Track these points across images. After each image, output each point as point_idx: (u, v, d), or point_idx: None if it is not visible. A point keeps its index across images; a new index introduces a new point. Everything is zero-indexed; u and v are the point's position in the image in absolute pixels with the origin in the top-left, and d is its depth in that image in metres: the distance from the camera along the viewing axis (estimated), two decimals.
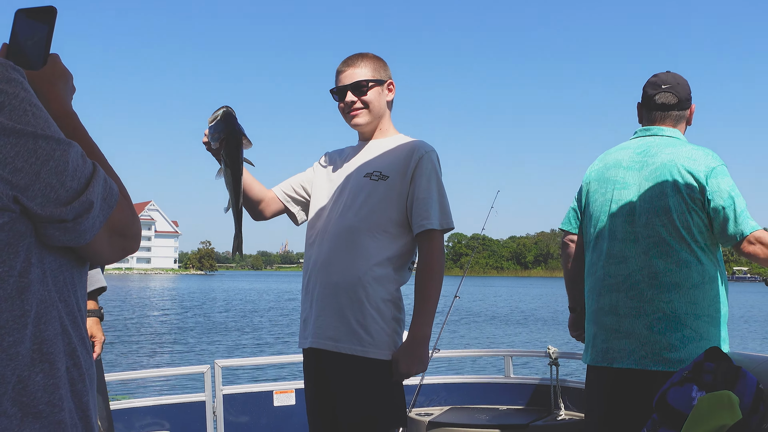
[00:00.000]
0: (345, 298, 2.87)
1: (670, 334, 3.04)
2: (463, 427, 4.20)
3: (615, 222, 3.23)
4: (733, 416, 2.44)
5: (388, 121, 3.16)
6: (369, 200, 2.96)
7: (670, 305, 3.06)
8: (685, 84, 3.37)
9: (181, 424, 4.23)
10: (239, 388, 4.42)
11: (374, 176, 2.99)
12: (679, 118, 3.35)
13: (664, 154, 3.20)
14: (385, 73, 3.11)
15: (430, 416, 4.39)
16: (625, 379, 3.12)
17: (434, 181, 2.96)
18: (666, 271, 3.07)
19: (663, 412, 2.74)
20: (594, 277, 3.29)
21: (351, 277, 2.88)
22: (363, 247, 2.91)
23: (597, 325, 3.24)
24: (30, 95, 1.28)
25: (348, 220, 2.96)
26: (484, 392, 4.80)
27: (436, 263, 2.93)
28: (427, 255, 2.93)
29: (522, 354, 5.29)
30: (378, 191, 2.96)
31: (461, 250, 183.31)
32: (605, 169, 3.37)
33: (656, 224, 3.11)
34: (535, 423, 4.22)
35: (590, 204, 3.39)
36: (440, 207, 2.95)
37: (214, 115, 2.84)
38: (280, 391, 4.41)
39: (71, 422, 1.31)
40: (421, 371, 2.89)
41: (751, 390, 2.61)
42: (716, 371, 2.71)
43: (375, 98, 3.06)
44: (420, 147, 3.01)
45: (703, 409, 2.51)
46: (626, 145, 3.39)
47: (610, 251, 3.22)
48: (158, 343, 22.33)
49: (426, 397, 4.72)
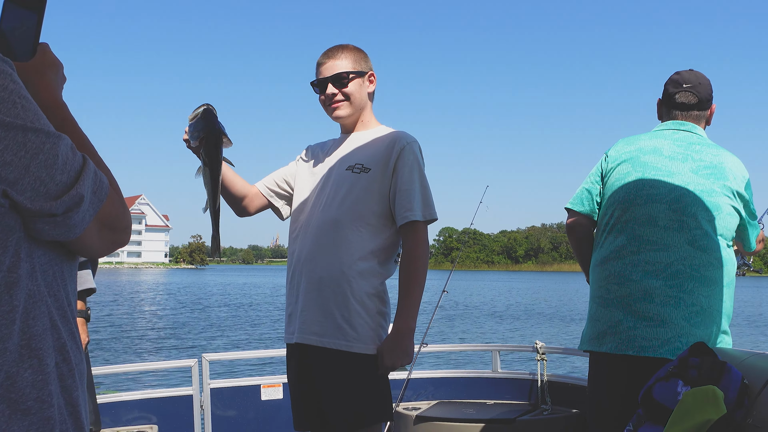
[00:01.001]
0: (329, 293, 2.87)
1: (704, 328, 3.04)
2: (450, 422, 4.20)
3: (657, 208, 3.17)
4: (718, 411, 2.44)
5: (370, 113, 3.16)
6: (351, 193, 2.95)
7: (708, 300, 3.06)
8: (707, 84, 3.38)
9: (168, 418, 4.22)
10: (227, 382, 4.42)
11: (356, 169, 2.99)
12: (699, 117, 3.38)
13: (710, 153, 3.24)
14: (365, 65, 3.11)
15: (418, 410, 4.39)
16: (653, 369, 2.92)
17: (416, 172, 2.95)
18: (708, 265, 3.08)
19: (648, 407, 2.74)
20: (622, 262, 3.18)
21: (335, 271, 2.87)
22: (346, 240, 2.90)
23: (623, 311, 3.12)
24: (19, 87, 1.26)
25: (331, 213, 2.95)
26: (471, 387, 4.81)
27: (420, 255, 2.92)
28: (411, 247, 2.92)
29: (510, 349, 5.30)
30: (360, 184, 2.96)
31: (452, 245, 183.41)
32: (641, 153, 3.30)
33: (703, 218, 3.12)
34: (522, 417, 4.23)
35: (618, 185, 3.29)
36: (423, 198, 2.95)
37: (195, 113, 2.81)
38: (267, 385, 4.41)
39: (60, 418, 1.30)
40: (406, 364, 2.89)
41: (736, 385, 2.61)
42: (701, 366, 2.71)
43: (356, 90, 3.06)
44: (401, 138, 3.01)
45: (687, 403, 2.51)
46: (660, 134, 3.36)
47: (649, 237, 3.15)
48: (146, 337, 22.27)
49: (413, 391, 4.72)
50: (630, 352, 3.08)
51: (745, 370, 2.70)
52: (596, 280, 3.29)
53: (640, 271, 3.13)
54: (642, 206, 3.20)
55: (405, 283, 2.90)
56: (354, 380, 2.85)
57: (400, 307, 2.89)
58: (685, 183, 3.18)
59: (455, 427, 4.17)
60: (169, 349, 19.87)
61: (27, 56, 1.48)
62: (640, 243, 3.16)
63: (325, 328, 2.85)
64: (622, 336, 3.11)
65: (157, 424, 4.15)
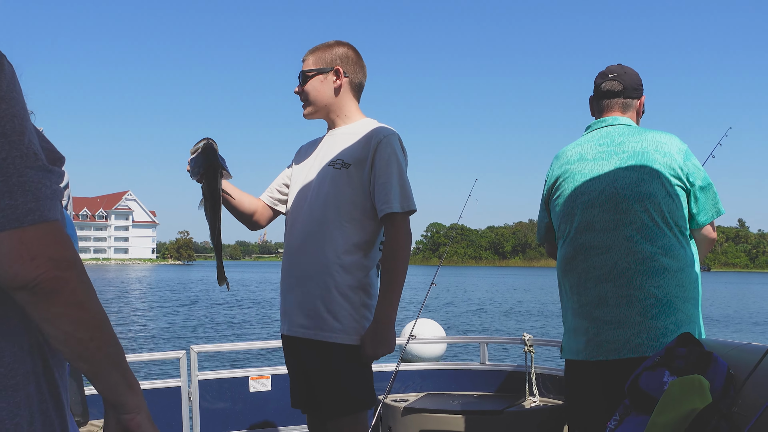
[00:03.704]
0: (314, 287, 2.99)
1: (664, 319, 3.00)
2: (437, 413, 4.21)
3: (591, 213, 3.17)
4: (704, 400, 2.46)
5: (350, 106, 3.22)
6: (333, 189, 3.03)
7: (660, 290, 3.02)
8: (632, 74, 3.40)
9: (156, 409, 4.21)
10: (215, 373, 4.41)
11: (337, 164, 3.07)
12: (626, 105, 3.37)
13: (632, 141, 3.20)
14: (329, 61, 3.18)
15: (406, 402, 4.41)
16: (623, 370, 2.93)
17: (394, 165, 3.01)
18: (653, 255, 3.03)
19: (634, 397, 2.76)
20: (575, 273, 3.20)
21: (319, 266, 2.99)
22: (330, 236, 3.00)
23: (588, 319, 3.13)
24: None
25: (315, 210, 3.05)
26: (459, 379, 4.82)
27: (401, 247, 2.98)
28: (391, 239, 2.98)
29: (497, 341, 5.31)
30: (341, 179, 3.04)
31: (440, 240, 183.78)
32: (569, 164, 3.33)
33: (638, 210, 3.07)
34: (509, 409, 4.24)
35: (560, 202, 3.32)
36: (401, 190, 3.00)
37: (195, 147, 2.97)
38: (256, 377, 4.41)
39: (39, 397, 1.31)
40: (387, 353, 2.97)
41: (722, 375, 2.63)
42: (688, 356, 2.72)
43: (313, 88, 3.16)
44: (379, 132, 3.06)
45: (674, 393, 2.52)
46: (584, 139, 3.37)
47: (590, 243, 3.15)
48: (134, 331, 22.21)
49: (401, 383, 4.73)
50: (600, 357, 3.09)
51: (731, 360, 2.72)
52: (562, 293, 3.34)
53: (591, 279, 3.14)
54: (579, 215, 3.21)
55: (386, 275, 2.98)
56: (338, 370, 2.96)
57: (380, 297, 2.97)
58: (612, 181, 3.15)
59: (443, 418, 4.18)
60: (157, 341, 19.85)
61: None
62: (585, 251, 3.17)
63: (311, 321, 2.98)
64: (591, 343, 3.12)
65: None
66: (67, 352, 1.28)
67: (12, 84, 1.26)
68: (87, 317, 1.26)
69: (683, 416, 2.44)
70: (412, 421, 4.22)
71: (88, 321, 1.26)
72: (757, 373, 2.43)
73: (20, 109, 1.25)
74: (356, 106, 3.23)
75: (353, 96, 3.22)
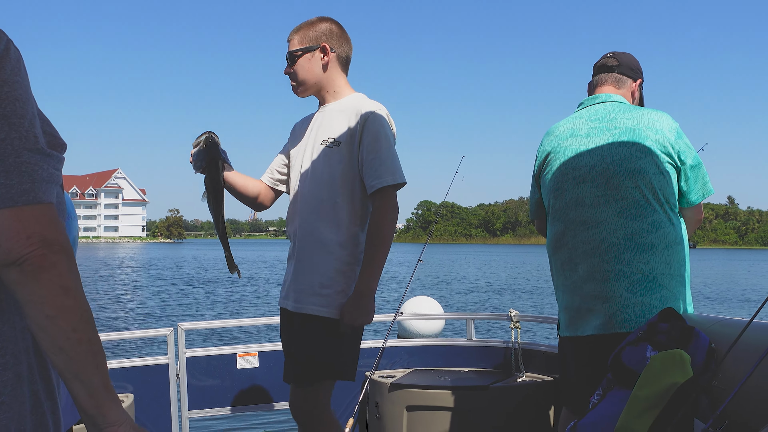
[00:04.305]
0: (310, 264, 3.09)
1: (650, 295, 3.02)
2: (424, 389, 4.24)
3: (582, 188, 3.18)
4: (684, 374, 2.49)
5: (339, 82, 3.25)
6: (327, 167, 3.11)
7: (648, 266, 3.03)
8: (630, 56, 3.44)
9: (144, 386, 4.22)
10: (203, 350, 4.42)
11: (329, 143, 3.14)
12: (620, 81, 3.39)
13: (624, 118, 3.20)
14: (314, 38, 3.21)
15: (393, 378, 4.43)
16: (611, 345, 2.95)
17: (381, 140, 3.05)
18: (641, 232, 3.05)
19: (617, 372, 2.78)
20: (566, 248, 3.22)
21: (315, 243, 3.09)
22: (325, 213, 3.08)
23: (578, 296, 3.16)
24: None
25: (311, 188, 3.13)
26: (446, 355, 4.85)
27: (387, 221, 3.04)
28: (377, 212, 3.05)
29: (484, 317, 5.33)
30: (334, 158, 3.11)
31: (430, 218, 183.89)
32: (560, 140, 3.34)
33: (629, 186, 3.08)
34: (495, 384, 4.27)
35: (550, 178, 3.33)
36: (389, 164, 3.04)
37: (197, 141, 3.08)
38: (243, 353, 4.42)
39: (30, 378, 1.31)
40: (366, 323, 3.06)
41: (703, 349, 2.66)
42: (670, 331, 2.75)
43: (302, 68, 3.20)
44: (366, 109, 3.11)
45: (655, 367, 2.55)
46: (576, 115, 3.38)
47: (580, 218, 3.17)
48: (123, 309, 22.19)
49: (389, 359, 4.76)
50: (589, 332, 3.12)
51: (713, 335, 2.75)
52: (554, 270, 3.36)
53: (580, 254, 3.16)
54: (569, 190, 3.22)
55: (369, 246, 3.05)
56: (321, 341, 3.06)
57: (363, 268, 3.04)
58: (604, 156, 3.16)
59: (430, 394, 4.21)
60: (145, 317, 19.87)
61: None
62: (575, 226, 3.19)
63: (303, 296, 3.09)
64: (581, 319, 3.15)
65: (132, 392, 4.15)
66: (48, 341, 1.24)
67: (17, 68, 1.27)
68: (72, 305, 1.25)
69: (664, 390, 2.47)
70: (399, 397, 4.25)
71: (72, 309, 1.25)
72: (737, 348, 2.45)
73: (23, 93, 1.26)
74: (345, 80, 3.27)
75: (341, 70, 3.26)
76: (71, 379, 1.27)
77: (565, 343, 3.29)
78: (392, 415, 4.28)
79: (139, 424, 4.09)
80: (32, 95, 1.30)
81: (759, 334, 2.49)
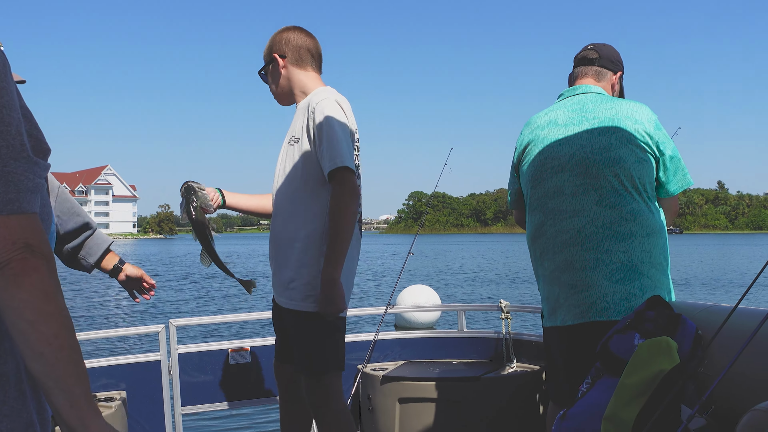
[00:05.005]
0: (282, 259, 3.24)
1: (629, 284, 3.03)
2: (416, 381, 4.26)
3: (562, 177, 3.19)
4: (671, 361, 2.50)
5: (303, 81, 3.37)
6: (291, 164, 3.24)
7: (627, 254, 3.04)
8: (611, 48, 3.47)
9: (137, 383, 4.23)
10: (195, 347, 4.43)
11: (291, 141, 3.28)
12: (600, 74, 3.41)
13: (604, 108, 3.23)
14: (267, 54, 3.43)
15: (385, 371, 4.44)
16: (591, 334, 2.99)
17: (325, 128, 3.09)
18: (620, 220, 3.06)
19: (606, 360, 2.80)
20: (545, 238, 3.23)
21: (285, 239, 3.22)
22: (294, 209, 3.20)
23: (557, 285, 3.18)
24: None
25: (281, 186, 3.28)
26: (437, 346, 4.86)
27: (344, 204, 3.04)
28: (334, 198, 3.07)
29: (475, 308, 5.35)
30: (295, 154, 3.22)
31: (422, 209, 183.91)
32: (539, 130, 3.35)
33: (607, 175, 3.10)
34: (487, 375, 4.29)
35: (530, 167, 3.34)
36: (337, 148, 3.06)
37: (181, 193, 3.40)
38: (235, 349, 4.43)
39: (16, 377, 1.31)
40: (333, 312, 3.08)
41: (690, 336, 2.68)
42: (657, 319, 2.76)
43: (272, 80, 3.43)
44: (312, 101, 3.21)
45: (642, 355, 2.57)
46: (556, 106, 3.40)
47: (559, 207, 3.18)
48: (115, 307, 22.13)
49: (380, 352, 4.77)
50: (569, 322, 3.13)
51: (700, 321, 2.77)
52: (533, 259, 3.37)
53: (559, 243, 3.17)
54: (548, 179, 3.24)
55: (330, 235, 3.07)
56: (300, 333, 3.22)
57: (325, 257, 3.06)
58: (583, 146, 3.17)
59: (421, 386, 4.23)
60: (136, 314, 19.84)
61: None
62: (554, 215, 3.20)
63: (279, 290, 3.27)
64: (561, 309, 3.16)
65: (125, 389, 4.16)
66: (28, 347, 1.21)
67: (2, 74, 1.26)
68: (53, 310, 1.23)
69: (651, 378, 2.49)
70: (391, 390, 4.27)
71: (53, 315, 1.23)
72: (722, 334, 2.48)
73: (9, 99, 1.26)
74: (312, 77, 3.37)
75: (303, 69, 3.36)
76: (52, 388, 1.23)
77: (548, 332, 3.31)
78: (385, 408, 4.30)
79: (132, 421, 4.11)
80: (17, 101, 1.29)
81: (744, 320, 2.51)
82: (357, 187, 3.09)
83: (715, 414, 2.46)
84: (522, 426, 4.20)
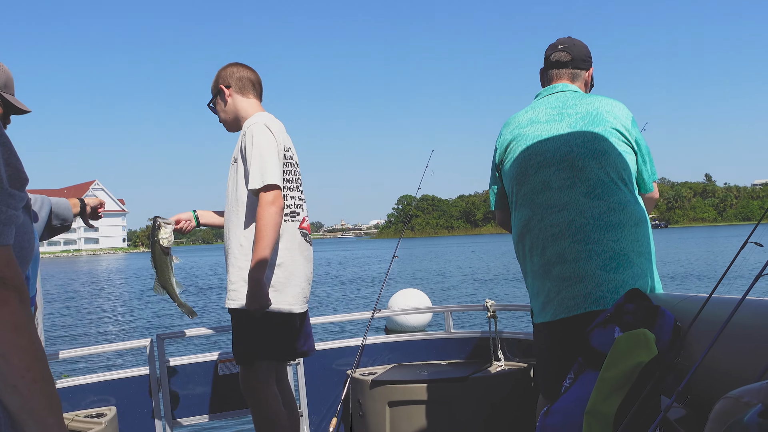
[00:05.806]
0: (227, 265, 3.71)
1: (622, 272, 3.06)
2: (405, 384, 4.28)
3: (547, 173, 3.22)
4: (649, 353, 2.53)
5: (245, 108, 3.84)
6: (231, 183, 3.71)
7: (618, 243, 3.08)
8: (581, 45, 3.51)
9: (126, 398, 4.23)
10: (183, 359, 4.43)
11: (232, 161, 3.73)
12: (575, 76, 3.47)
13: (584, 104, 3.29)
14: (214, 87, 3.89)
15: (374, 375, 4.47)
16: (586, 325, 2.98)
17: (252, 149, 3.53)
18: (609, 211, 3.11)
19: (587, 354, 2.82)
20: (533, 233, 3.25)
21: (228, 247, 3.71)
22: (234, 223, 3.68)
23: (548, 279, 3.19)
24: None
25: (227, 202, 3.74)
26: (425, 348, 4.89)
27: (263, 218, 3.45)
28: (259, 210, 3.48)
29: (461, 309, 5.37)
30: (234, 174, 3.69)
31: (411, 212, 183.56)
32: (521, 128, 3.39)
33: (593, 167, 3.15)
34: (475, 375, 4.32)
35: (512, 165, 3.37)
36: (260, 169, 3.50)
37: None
38: (224, 360, 4.44)
39: None
40: (260, 307, 3.49)
41: (669, 327, 2.70)
42: (636, 312, 2.79)
43: (218, 112, 3.90)
44: (246, 125, 3.66)
45: (620, 348, 2.59)
46: (535, 104, 3.44)
47: (547, 202, 3.21)
48: (104, 322, 21.97)
49: (369, 356, 4.79)
50: (562, 315, 3.14)
51: (679, 312, 2.80)
52: (520, 256, 3.38)
53: (549, 237, 3.20)
54: (534, 175, 3.27)
55: (254, 241, 3.49)
56: (234, 327, 3.71)
57: (251, 261, 3.48)
58: (567, 140, 3.23)
59: (410, 388, 4.25)
60: (126, 331, 19.75)
61: None
62: (542, 210, 3.23)
63: (228, 292, 3.67)
64: (554, 303, 3.17)
65: (115, 405, 4.16)
66: (1, 381, 1.21)
67: None
68: (25, 343, 1.23)
69: (630, 370, 2.52)
70: (380, 393, 4.29)
71: (26, 347, 1.23)
72: (698, 323, 2.51)
73: None
74: (253, 103, 3.84)
75: (246, 96, 3.83)
76: (26, 420, 1.23)
77: (539, 329, 3.32)
78: (375, 412, 4.33)
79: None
80: None
81: (719, 309, 2.54)
82: (281, 200, 3.52)
83: (693, 403, 2.49)
84: (511, 423, 4.23)
